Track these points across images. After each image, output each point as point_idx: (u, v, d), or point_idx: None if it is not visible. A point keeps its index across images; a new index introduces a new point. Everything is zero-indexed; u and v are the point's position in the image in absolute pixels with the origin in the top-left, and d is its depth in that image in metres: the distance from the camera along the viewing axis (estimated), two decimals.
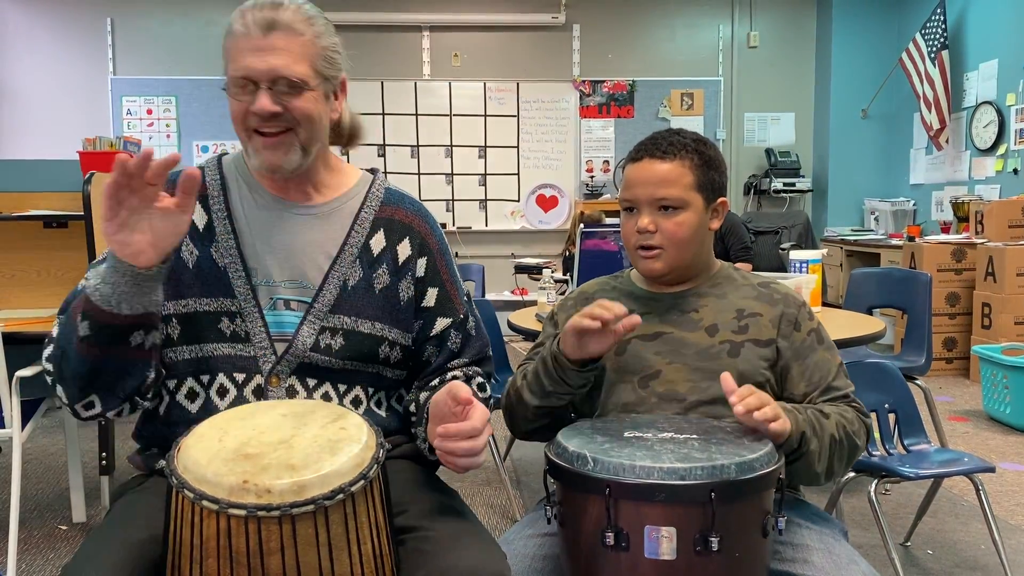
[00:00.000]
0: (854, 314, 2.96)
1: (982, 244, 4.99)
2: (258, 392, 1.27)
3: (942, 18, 6.13)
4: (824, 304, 3.02)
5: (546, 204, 7.22)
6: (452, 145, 7.11)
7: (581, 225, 3.28)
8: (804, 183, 7.12)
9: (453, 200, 7.12)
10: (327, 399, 1.30)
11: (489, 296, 5.68)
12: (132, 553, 1.09)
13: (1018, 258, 4.72)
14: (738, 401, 1.19)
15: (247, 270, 1.30)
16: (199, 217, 1.32)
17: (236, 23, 1.25)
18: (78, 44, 6.81)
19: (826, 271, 6.16)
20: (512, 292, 6.30)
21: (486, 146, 7.15)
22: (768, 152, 7.23)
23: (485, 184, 7.17)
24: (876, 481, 2.09)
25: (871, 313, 3.29)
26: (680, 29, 7.23)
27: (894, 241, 5.97)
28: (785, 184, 7.05)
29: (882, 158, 7.17)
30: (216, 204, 1.33)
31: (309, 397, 1.29)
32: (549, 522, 1.22)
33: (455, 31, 7.06)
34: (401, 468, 1.31)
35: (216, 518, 0.97)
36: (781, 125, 7.36)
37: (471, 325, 1.41)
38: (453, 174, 7.13)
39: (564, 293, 3.59)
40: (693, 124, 7.13)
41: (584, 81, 7.16)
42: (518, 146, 7.17)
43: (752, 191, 7.23)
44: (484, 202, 7.18)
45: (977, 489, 2.18)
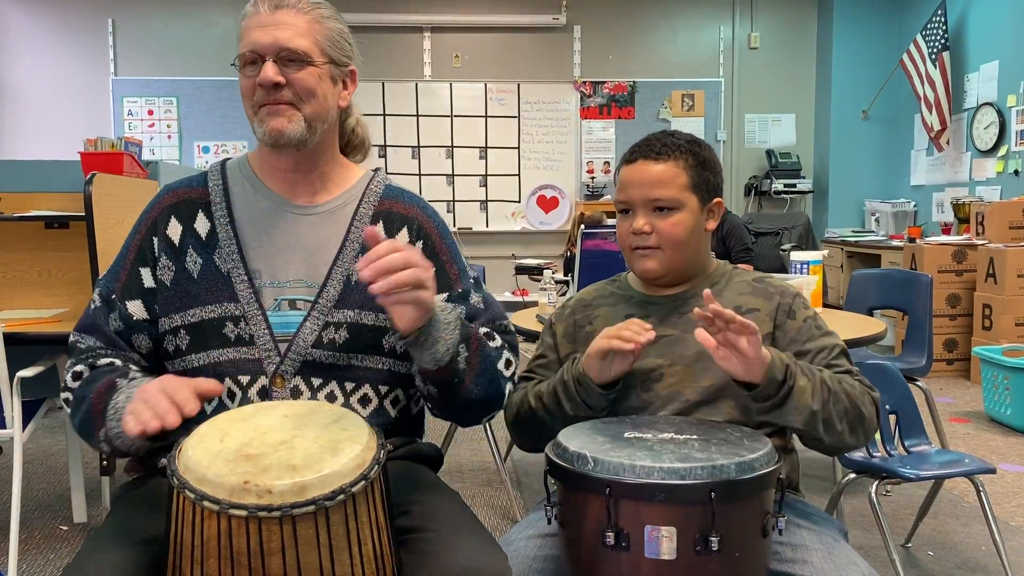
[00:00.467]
0: (855, 315, 2.96)
1: (983, 245, 4.99)
2: (263, 393, 1.27)
3: (943, 19, 6.13)
4: (825, 305, 3.02)
5: (547, 205, 7.22)
6: (453, 146, 7.12)
7: (582, 226, 3.28)
8: (805, 184, 7.13)
9: (454, 201, 7.13)
10: (332, 398, 1.30)
11: None
12: (133, 553, 1.09)
13: (1019, 259, 4.72)
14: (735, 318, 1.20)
15: (250, 273, 1.30)
16: (201, 225, 1.33)
17: (248, 7, 1.31)
18: (79, 45, 6.82)
19: (827, 272, 6.15)
20: (513, 293, 6.30)
21: (487, 147, 7.15)
22: (769, 153, 7.23)
23: (486, 185, 7.18)
24: (877, 482, 2.09)
25: (872, 314, 3.29)
26: (681, 30, 7.23)
27: (895, 242, 5.97)
28: (786, 185, 7.05)
29: (883, 159, 7.17)
30: (219, 210, 1.34)
31: (314, 397, 1.29)
32: (549, 522, 1.22)
33: (456, 32, 7.07)
34: (402, 469, 1.31)
35: (217, 518, 0.97)
36: (782, 126, 7.36)
37: (476, 299, 1.38)
38: (454, 175, 7.14)
39: (564, 294, 3.60)
40: (694, 125, 7.13)
41: (585, 82, 7.16)
42: (519, 147, 7.18)
43: (753, 192, 7.24)
44: (485, 203, 7.19)
45: (978, 490, 2.18)
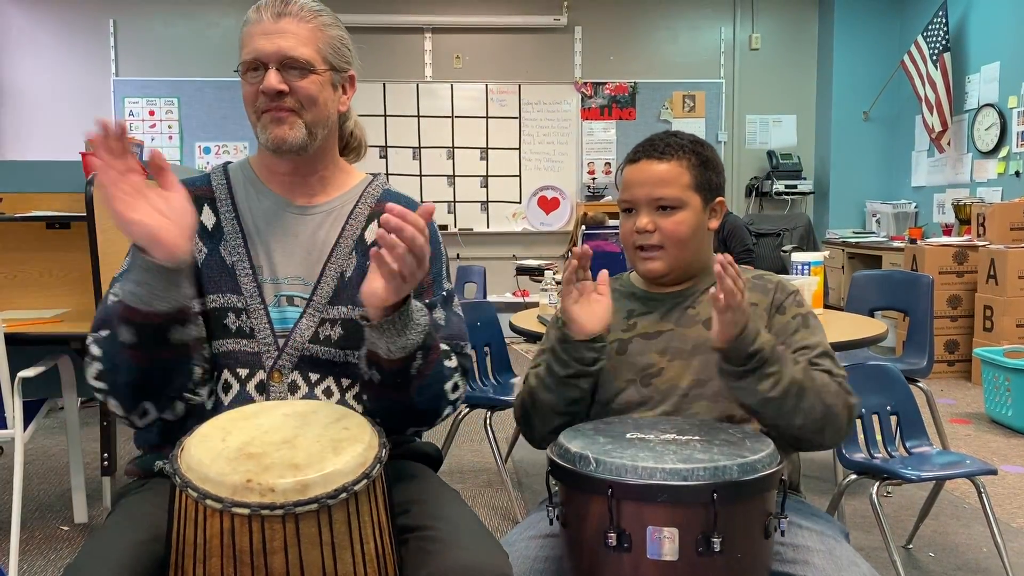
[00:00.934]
0: (856, 316, 2.95)
1: (984, 247, 4.99)
2: (261, 387, 1.28)
3: (944, 20, 6.14)
4: (826, 306, 3.02)
5: (547, 206, 7.22)
6: (454, 147, 7.12)
7: (583, 227, 3.28)
8: (806, 185, 7.13)
9: (454, 202, 7.13)
10: (329, 394, 1.30)
11: (491, 298, 5.68)
12: (134, 553, 1.09)
13: (1020, 261, 4.72)
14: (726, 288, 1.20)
15: (253, 267, 1.33)
16: (208, 218, 1.35)
17: (251, 13, 1.32)
18: (81, 46, 6.83)
19: (828, 273, 6.14)
20: (513, 294, 6.30)
21: (488, 148, 7.15)
22: (770, 154, 7.23)
23: (487, 186, 7.18)
24: (878, 483, 2.09)
25: (873, 315, 3.29)
26: (682, 31, 7.23)
27: (896, 243, 5.97)
28: (787, 186, 7.05)
29: (884, 160, 7.17)
30: (224, 206, 1.36)
31: (311, 392, 1.29)
32: (551, 523, 1.22)
33: (457, 33, 7.07)
34: (403, 468, 1.32)
35: (220, 517, 0.97)
36: (783, 127, 7.36)
37: (438, 315, 1.36)
38: (455, 176, 7.14)
39: None
40: (695, 126, 7.13)
41: (586, 83, 7.16)
42: (520, 148, 7.18)
43: (754, 193, 7.24)
44: (486, 204, 7.19)
45: (979, 491, 2.18)
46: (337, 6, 1.38)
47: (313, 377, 1.30)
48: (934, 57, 6.19)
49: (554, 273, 3.69)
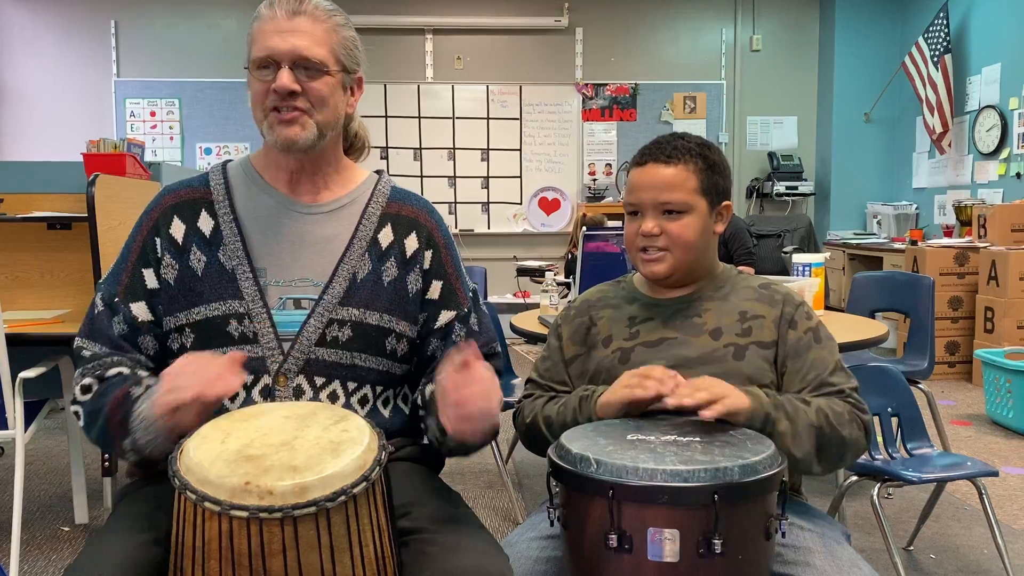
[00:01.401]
0: (857, 318, 2.95)
1: (985, 248, 4.99)
2: (266, 392, 1.27)
3: (945, 22, 6.13)
4: (827, 308, 3.02)
5: (548, 207, 7.22)
6: (455, 148, 7.12)
7: (583, 228, 3.28)
8: (807, 186, 7.13)
9: (455, 203, 7.13)
10: (334, 398, 1.30)
11: (491, 299, 5.68)
12: (135, 554, 1.09)
13: (1021, 262, 4.71)
14: (692, 394, 1.20)
15: (254, 271, 1.31)
16: (205, 224, 1.33)
17: (264, 9, 1.30)
18: (82, 46, 6.83)
19: (828, 275, 6.14)
20: (514, 295, 6.30)
21: (488, 149, 7.16)
22: (771, 156, 7.23)
23: (487, 187, 7.18)
24: (879, 485, 2.09)
25: (874, 317, 3.29)
26: (683, 33, 7.23)
27: (897, 245, 5.97)
28: (787, 188, 7.05)
29: (885, 162, 7.17)
30: (222, 208, 1.34)
31: (316, 397, 1.29)
32: (552, 524, 1.22)
33: (458, 34, 7.08)
34: (404, 470, 1.31)
35: (218, 519, 0.97)
36: (784, 129, 7.36)
37: (473, 321, 1.42)
38: (455, 177, 7.14)
39: (566, 296, 3.59)
40: (695, 128, 7.13)
41: (587, 84, 7.16)
42: (520, 149, 7.18)
43: (755, 194, 7.23)
44: (486, 205, 7.19)
45: (980, 493, 2.17)
46: (338, 7, 1.37)
47: (319, 381, 1.29)
48: (935, 58, 6.19)
49: (555, 274, 3.69)
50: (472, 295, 1.44)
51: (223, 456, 1.01)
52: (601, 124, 7.21)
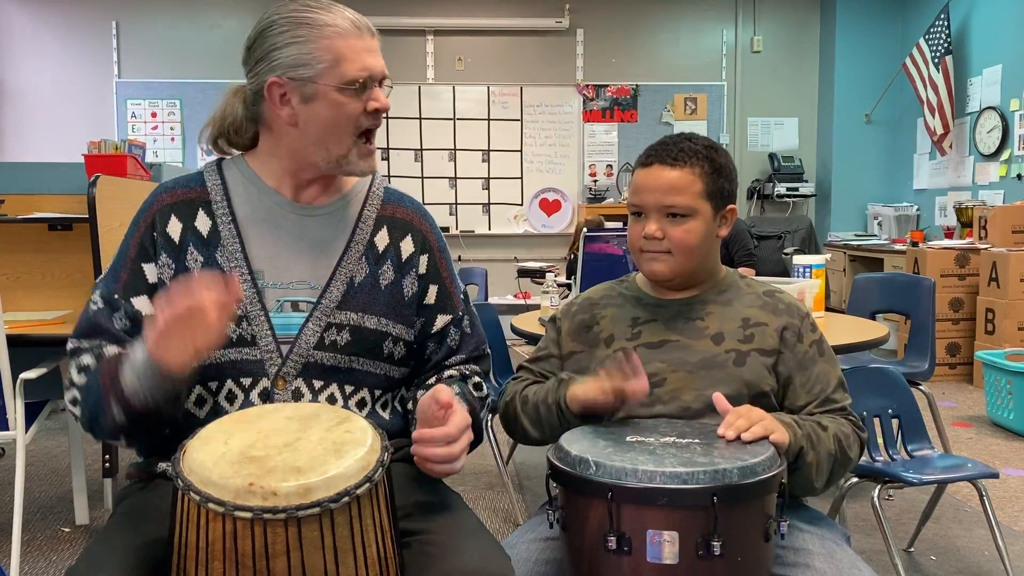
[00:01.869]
0: (857, 319, 2.95)
1: (985, 249, 4.99)
2: (264, 395, 1.27)
3: (946, 23, 6.14)
4: (827, 309, 3.02)
5: (549, 208, 7.23)
6: (455, 149, 7.13)
7: (585, 229, 3.28)
8: (807, 188, 7.13)
9: (456, 204, 7.13)
10: (332, 401, 1.30)
11: (492, 300, 5.68)
12: (136, 556, 1.09)
13: (1022, 264, 4.71)
14: (726, 429, 1.21)
15: (252, 273, 1.30)
16: (202, 223, 1.31)
17: (341, 21, 1.27)
18: (83, 47, 6.84)
19: (829, 276, 6.14)
20: (515, 296, 6.29)
21: (489, 150, 7.16)
22: (771, 157, 7.23)
23: (488, 188, 7.18)
24: (879, 487, 2.09)
25: (874, 318, 3.29)
26: (684, 34, 7.24)
27: (897, 246, 5.97)
28: (788, 189, 7.05)
29: (886, 163, 7.17)
30: (220, 209, 1.32)
31: (315, 399, 1.29)
32: (551, 526, 1.22)
33: (459, 35, 7.08)
34: (405, 471, 1.31)
35: (222, 520, 0.97)
36: (785, 130, 7.36)
37: (467, 323, 1.43)
38: (456, 178, 7.14)
39: (567, 297, 3.59)
40: (696, 129, 7.13)
41: (588, 85, 7.17)
42: (521, 150, 7.18)
43: (755, 196, 7.23)
44: (487, 206, 7.19)
45: (980, 495, 2.17)
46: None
47: (317, 384, 1.29)
48: (936, 60, 6.19)
49: (555, 275, 3.69)
50: (464, 297, 1.45)
51: (226, 457, 1.01)
52: (602, 125, 7.21)
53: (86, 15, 6.82)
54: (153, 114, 6.90)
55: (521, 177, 7.20)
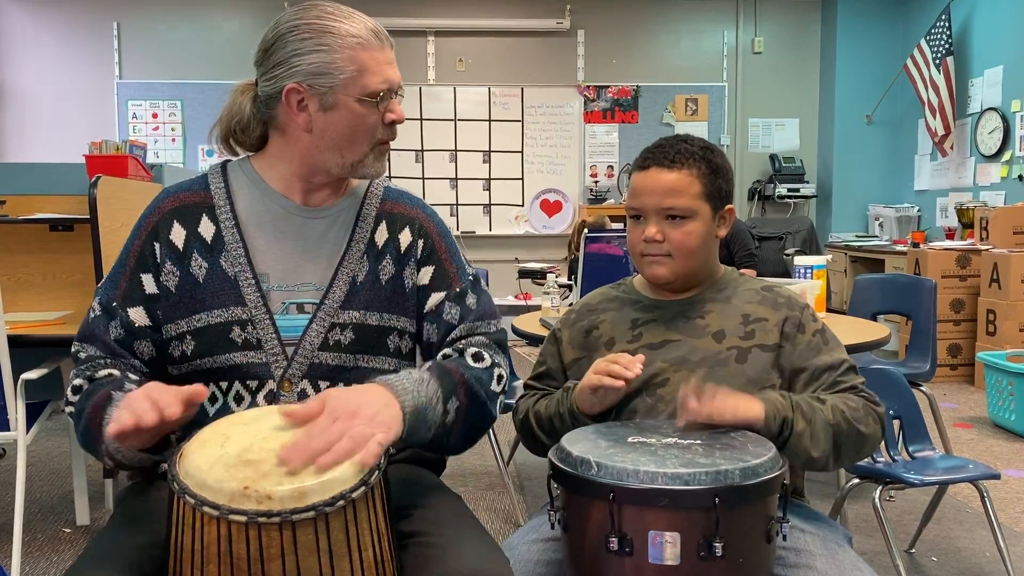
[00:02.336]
0: (858, 320, 2.95)
1: (987, 251, 4.98)
2: (271, 398, 1.27)
3: (947, 24, 6.13)
4: (828, 310, 3.01)
5: (550, 209, 7.23)
6: (456, 150, 7.13)
7: (586, 230, 3.28)
8: (808, 189, 7.12)
9: (457, 205, 7.14)
10: None
11: (493, 300, 5.69)
12: (135, 557, 1.09)
13: (1023, 265, 4.71)
14: (683, 423, 1.24)
15: (257, 277, 1.29)
16: (206, 228, 1.31)
17: (363, 31, 1.27)
18: (84, 48, 6.85)
19: (830, 277, 6.13)
20: (516, 297, 6.28)
21: (490, 151, 7.16)
22: (772, 158, 7.23)
23: (489, 189, 7.18)
24: (880, 488, 2.08)
25: (875, 319, 3.28)
26: (685, 35, 7.24)
27: (898, 247, 5.97)
28: (789, 190, 7.05)
29: (887, 164, 7.17)
30: (223, 213, 1.32)
31: None
32: (552, 527, 1.22)
33: (460, 36, 7.08)
34: (404, 472, 1.31)
35: (217, 524, 0.96)
36: (785, 131, 7.36)
37: (471, 300, 1.38)
38: (457, 178, 7.14)
39: (567, 298, 3.59)
40: (697, 130, 7.13)
41: (588, 86, 7.17)
42: (522, 151, 7.19)
43: (756, 197, 7.23)
44: (488, 207, 7.20)
45: (982, 496, 2.17)
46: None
47: (323, 385, 1.29)
48: (937, 61, 6.19)
49: (556, 276, 3.69)
50: (472, 278, 1.41)
51: (222, 460, 1.01)
52: (603, 126, 7.21)
53: (87, 16, 6.82)
54: (154, 115, 6.90)
55: (522, 178, 7.20)
